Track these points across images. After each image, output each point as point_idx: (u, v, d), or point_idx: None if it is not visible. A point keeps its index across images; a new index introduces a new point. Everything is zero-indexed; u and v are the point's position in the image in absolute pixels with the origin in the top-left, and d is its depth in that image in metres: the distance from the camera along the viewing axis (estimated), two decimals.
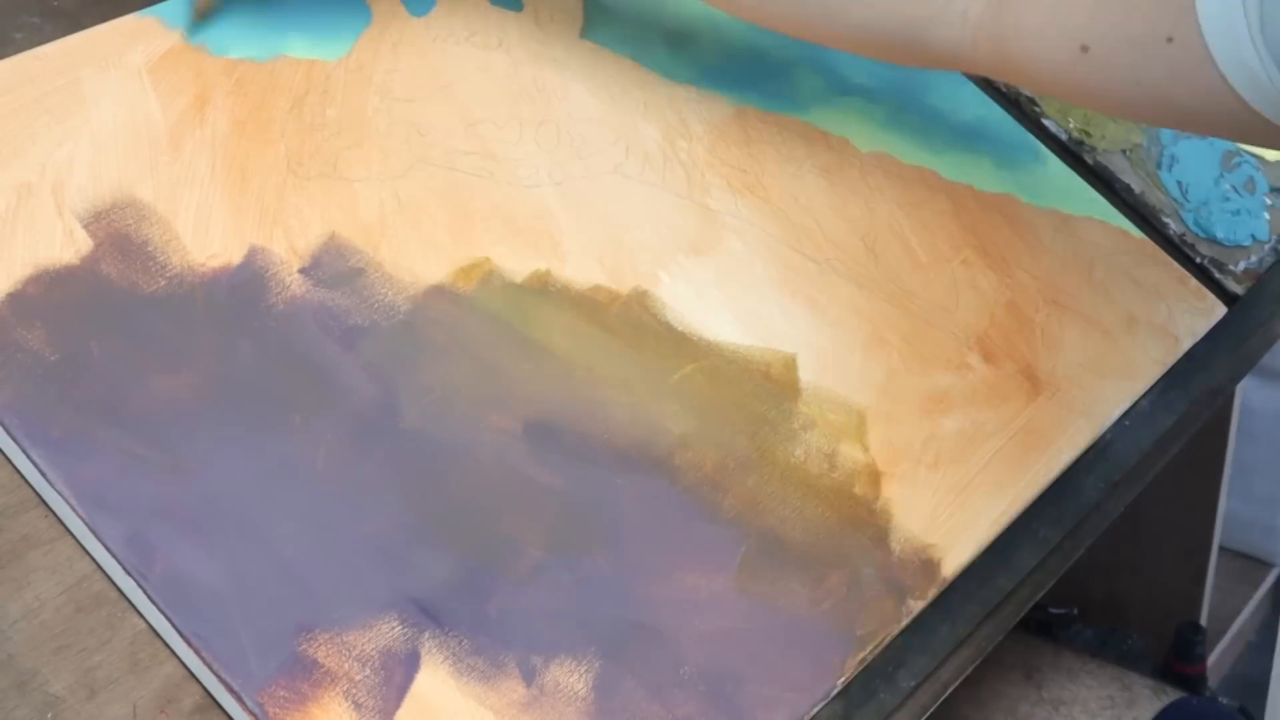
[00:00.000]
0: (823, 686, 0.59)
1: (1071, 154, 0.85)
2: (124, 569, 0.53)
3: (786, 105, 0.78)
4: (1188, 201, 0.85)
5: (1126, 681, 0.86)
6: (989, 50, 0.63)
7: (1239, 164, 0.89)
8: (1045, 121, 0.86)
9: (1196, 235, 0.84)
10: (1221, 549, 1.41)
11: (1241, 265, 0.84)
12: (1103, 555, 1.38)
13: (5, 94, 0.62)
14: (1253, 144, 0.65)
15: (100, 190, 0.61)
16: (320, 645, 0.53)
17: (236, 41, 0.67)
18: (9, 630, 0.52)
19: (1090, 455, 0.72)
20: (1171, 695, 0.85)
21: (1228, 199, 0.87)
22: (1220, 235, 0.85)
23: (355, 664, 0.53)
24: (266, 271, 0.61)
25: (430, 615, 0.55)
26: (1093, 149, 0.85)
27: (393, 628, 0.54)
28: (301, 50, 0.68)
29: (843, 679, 0.60)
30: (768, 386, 0.67)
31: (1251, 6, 0.51)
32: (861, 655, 0.61)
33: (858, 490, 0.65)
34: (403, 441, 0.59)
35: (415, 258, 0.64)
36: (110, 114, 0.63)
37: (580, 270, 0.67)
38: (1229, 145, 0.90)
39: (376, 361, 0.61)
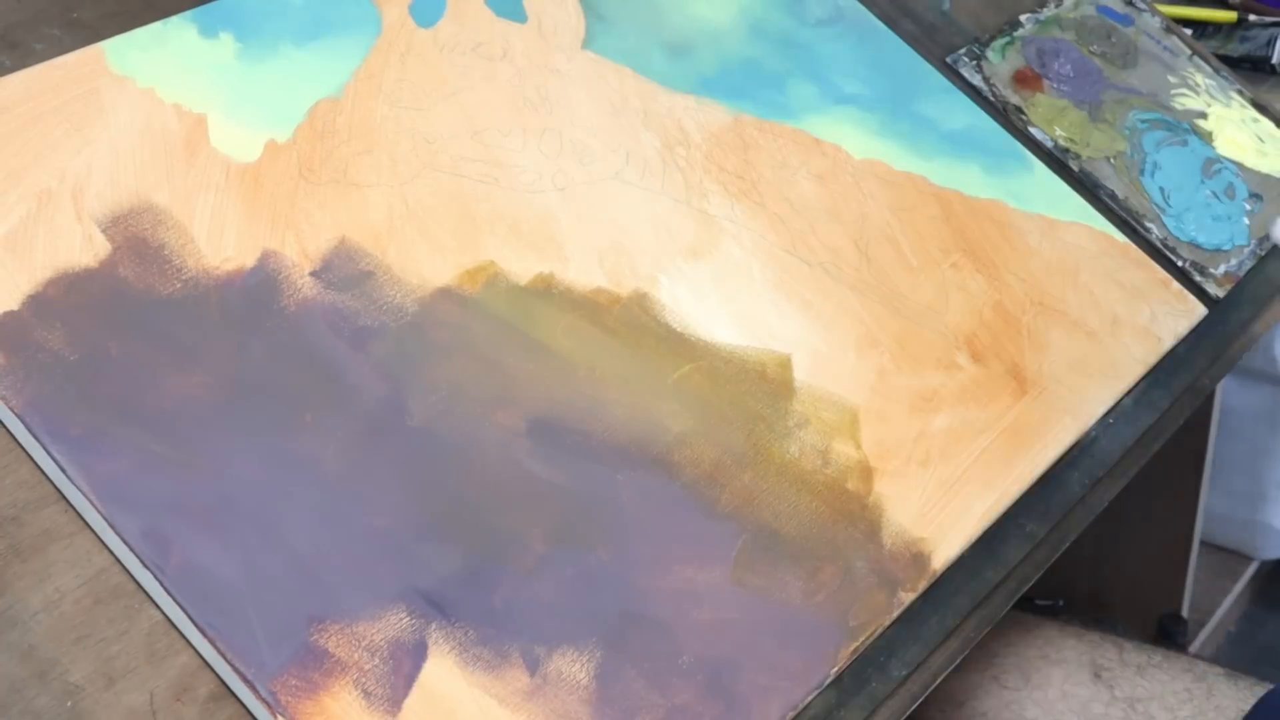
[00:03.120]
0: (817, 675, 0.59)
1: (1057, 161, 0.85)
2: (141, 562, 0.53)
3: (782, 113, 0.78)
4: (1170, 207, 0.85)
5: (1198, 672, 0.82)
6: None
7: (1219, 171, 0.89)
8: (1032, 130, 0.86)
9: (1178, 240, 0.84)
10: (1202, 543, 1.41)
11: (1222, 269, 0.84)
12: (1087, 548, 1.38)
13: (26, 102, 0.62)
14: None
15: (118, 196, 0.61)
16: (331, 636, 0.53)
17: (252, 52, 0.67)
18: (30, 621, 0.52)
19: (1075, 452, 0.72)
20: (1242, 681, 0.81)
21: (1208, 205, 0.87)
22: (1201, 240, 0.85)
23: (365, 654, 0.53)
24: (279, 274, 0.61)
25: (437, 607, 0.55)
26: (1078, 156, 0.85)
27: (401, 619, 0.54)
28: (314, 60, 0.68)
29: (836, 668, 0.60)
30: (763, 386, 0.67)
31: None
32: (854, 645, 0.61)
33: (850, 486, 0.65)
34: (410, 439, 0.59)
35: (423, 261, 0.64)
36: (128, 122, 0.63)
37: (582, 273, 0.67)
38: (1210, 153, 0.90)
39: (385, 361, 0.61)
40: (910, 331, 0.72)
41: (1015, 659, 0.82)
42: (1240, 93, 0.95)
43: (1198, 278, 0.83)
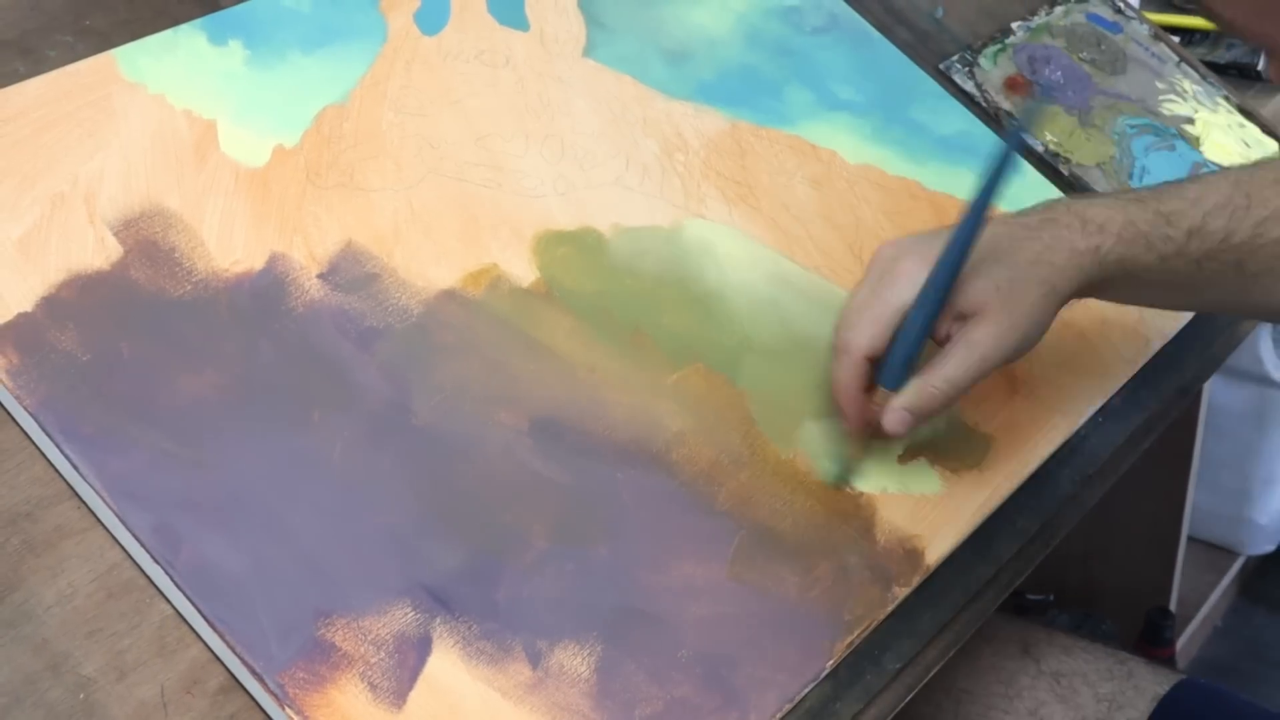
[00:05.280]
0: (813, 669, 0.59)
1: (1048, 165, 0.85)
2: (152, 557, 0.53)
3: (778, 120, 0.78)
4: None
5: (1121, 656, 0.84)
6: None
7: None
8: (1023, 135, 0.86)
9: None
10: (1190, 539, 1.41)
11: None
12: (1078, 544, 1.38)
13: (40, 109, 0.62)
14: None
15: (130, 199, 0.61)
16: (338, 630, 0.53)
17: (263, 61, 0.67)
18: (44, 615, 0.52)
19: (1066, 450, 0.72)
20: (1163, 672, 0.83)
21: None
22: None
23: (371, 647, 0.53)
24: (287, 276, 0.61)
25: (441, 601, 0.55)
26: (1068, 160, 0.85)
27: (406, 613, 0.54)
28: (321, 67, 0.68)
29: (832, 662, 0.60)
30: (760, 387, 0.67)
31: None
32: (849, 639, 0.61)
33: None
34: (415, 437, 0.59)
35: (427, 264, 0.64)
36: (139, 128, 0.63)
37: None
38: (1197, 156, 0.90)
39: (390, 361, 0.61)
40: None
41: None
42: (1226, 98, 0.95)
43: None
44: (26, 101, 0.62)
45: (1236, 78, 1.07)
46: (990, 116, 0.86)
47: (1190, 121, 0.92)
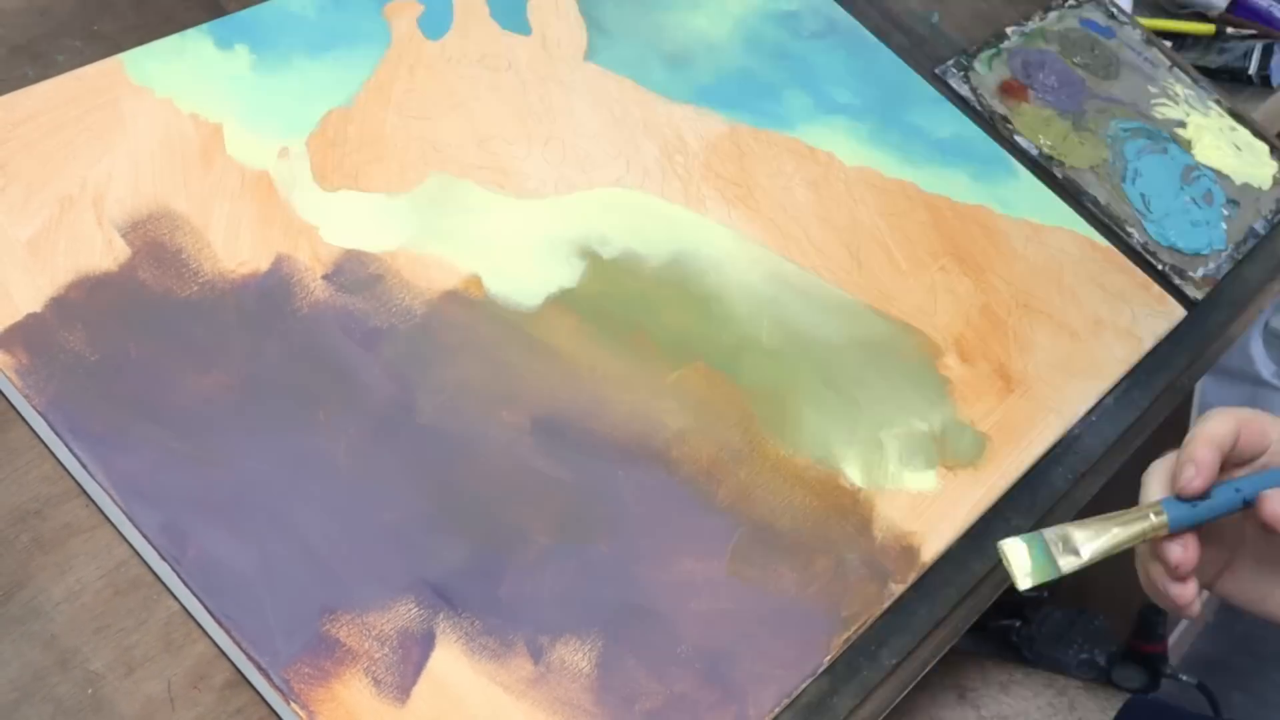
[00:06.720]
0: (810, 664, 0.59)
1: (1042, 168, 0.85)
2: (159, 554, 0.53)
3: (777, 122, 0.78)
4: (1150, 213, 0.85)
5: (1059, 687, 0.81)
6: None
7: (1198, 178, 0.89)
8: (1018, 138, 0.86)
9: (1158, 244, 0.84)
10: None
11: (1200, 272, 0.84)
12: None
13: (49, 113, 0.62)
14: None
15: (137, 202, 0.61)
16: (342, 626, 0.53)
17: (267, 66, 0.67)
18: (52, 611, 0.52)
19: (1059, 448, 0.72)
20: (1099, 692, 0.81)
21: (1188, 210, 0.87)
22: (1180, 244, 0.85)
23: (375, 643, 0.53)
24: (292, 278, 0.61)
25: (445, 598, 0.55)
26: (1061, 163, 0.85)
27: (410, 609, 0.54)
28: (326, 71, 0.68)
29: (829, 657, 0.60)
30: (759, 386, 0.67)
31: None
32: (846, 635, 0.61)
33: (843, 482, 0.65)
34: (419, 436, 0.59)
35: (430, 265, 0.64)
36: (147, 131, 0.63)
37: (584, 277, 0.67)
38: (1189, 160, 0.90)
39: (394, 361, 0.61)
40: (901, 333, 0.72)
41: None
42: (1218, 102, 0.95)
43: (1177, 280, 0.83)
44: (36, 105, 0.62)
45: (1228, 82, 1.07)
46: (985, 120, 0.86)
47: (1182, 125, 0.92)
